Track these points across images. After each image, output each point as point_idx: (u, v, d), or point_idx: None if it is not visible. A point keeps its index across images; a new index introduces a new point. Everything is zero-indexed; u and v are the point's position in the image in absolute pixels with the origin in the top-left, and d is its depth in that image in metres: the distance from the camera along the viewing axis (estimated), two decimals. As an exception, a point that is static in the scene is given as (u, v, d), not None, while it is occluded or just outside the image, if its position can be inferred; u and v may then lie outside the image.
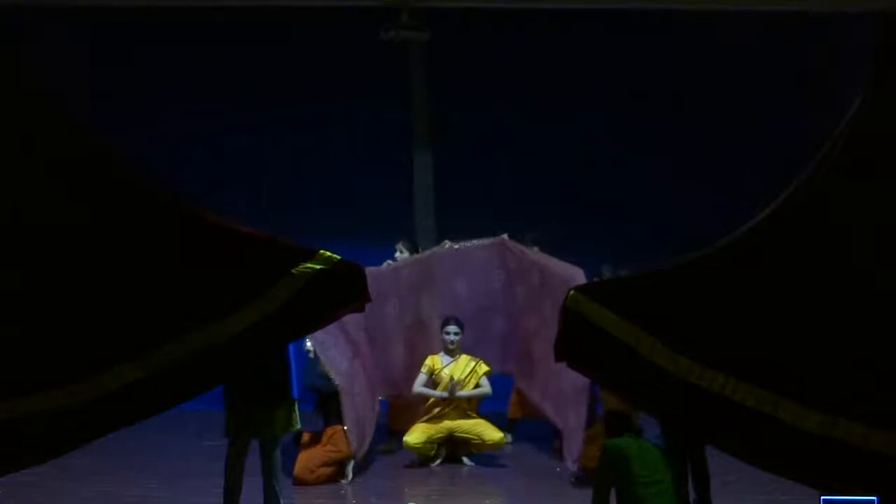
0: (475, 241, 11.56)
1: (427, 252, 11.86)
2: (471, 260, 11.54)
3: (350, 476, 10.18)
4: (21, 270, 6.86)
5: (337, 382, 10.06)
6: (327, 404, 10.21)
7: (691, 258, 7.12)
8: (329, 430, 10.19)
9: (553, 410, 10.70)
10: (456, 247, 11.54)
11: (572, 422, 10.12)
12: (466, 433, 10.80)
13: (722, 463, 8.19)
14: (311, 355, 10.15)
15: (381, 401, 11.46)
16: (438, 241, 12.19)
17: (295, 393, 8.56)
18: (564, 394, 10.28)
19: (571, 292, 7.00)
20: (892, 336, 6.81)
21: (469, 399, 10.85)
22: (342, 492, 9.97)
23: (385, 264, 11.54)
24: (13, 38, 7.16)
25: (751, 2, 13.35)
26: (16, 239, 6.87)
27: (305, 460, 10.09)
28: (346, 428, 10.14)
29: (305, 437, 10.20)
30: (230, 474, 8.48)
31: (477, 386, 10.86)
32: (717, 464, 8.51)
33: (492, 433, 10.80)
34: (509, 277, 11.41)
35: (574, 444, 10.00)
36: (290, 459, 10.09)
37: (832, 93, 11.67)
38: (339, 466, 10.18)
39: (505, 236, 11.52)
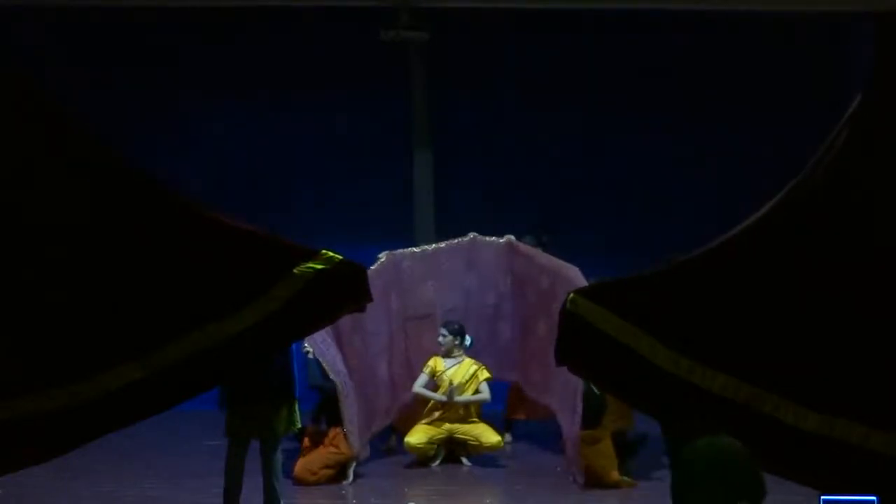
0: (487, 238, 11.50)
1: (439, 244, 11.73)
2: (480, 258, 11.51)
3: (351, 477, 10.18)
4: (22, 270, 6.87)
5: (336, 382, 10.05)
6: (330, 405, 10.19)
7: (691, 258, 7.12)
8: (332, 432, 10.18)
9: (564, 416, 10.66)
10: (474, 238, 11.46)
11: (568, 428, 10.12)
12: (465, 435, 10.82)
13: (722, 463, 8.17)
14: (311, 356, 10.15)
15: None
16: (438, 241, 12.15)
17: (296, 392, 8.55)
18: (568, 398, 10.27)
19: (571, 295, 7.00)
20: (892, 336, 6.81)
21: (467, 404, 10.85)
22: (343, 492, 9.97)
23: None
24: (16, 37, 7.19)
25: (752, 2, 13.34)
26: (17, 239, 6.87)
27: (307, 461, 10.09)
28: (346, 430, 10.13)
29: (308, 437, 10.19)
30: (230, 474, 8.48)
31: (476, 391, 10.86)
32: (717, 464, 8.48)
33: (490, 436, 10.81)
34: (517, 281, 11.37)
35: (572, 451, 10.04)
36: (291, 459, 10.09)
37: (833, 92, 11.67)
38: (341, 468, 10.18)
39: (512, 238, 11.49)
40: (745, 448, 6.38)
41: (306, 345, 10.02)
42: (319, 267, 7.03)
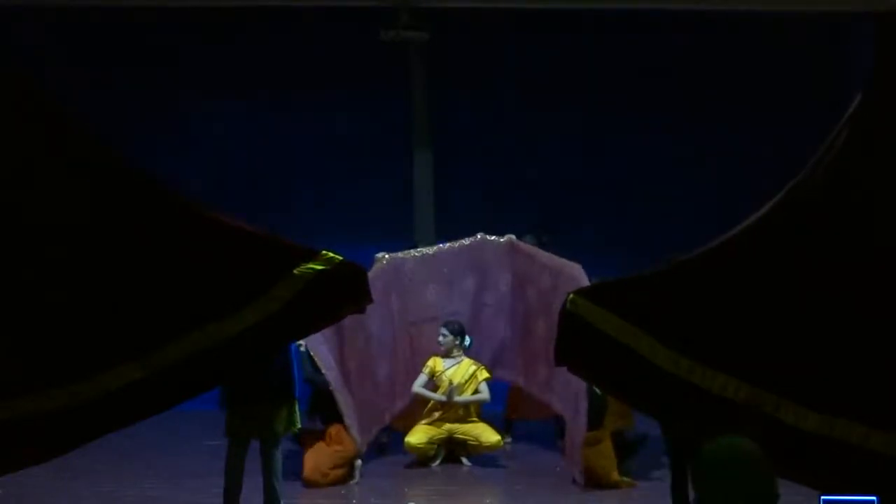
0: (489, 237, 11.48)
1: (441, 246, 11.71)
2: (481, 258, 11.49)
3: (358, 477, 10.15)
4: (22, 270, 6.87)
5: (329, 379, 10.02)
6: (324, 402, 10.15)
7: (691, 258, 7.12)
8: (332, 430, 10.15)
9: (568, 415, 10.65)
10: (476, 238, 11.43)
11: (574, 428, 10.11)
12: (464, 435, 10.81)
13: (722, 463, 8.18)
14: (302, 349, 10.11)
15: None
16: (438, 241, 12.13)
17: (296, 392, 8.55)
18: (570, 398, 10.27)
19: (571, 295, 7.00)
20: (892, 336, 6.81)
21: (466, 404, 10.85)
22: (343, 491, 9.96)
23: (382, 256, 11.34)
24: (16, 37, 7.19)
25: (752, 2, 13.35)
26: (17, 239, 6.87)
27: (315, 462, 10.01)
28: (346, 422, 10.10)
29: (307, 435, 10.15)
30: (230, 474, 8.47)
31: (476, 392, 10.86)
32: (717, 464, 8.49)
33: (489, 436, 10.81)
34: (518, 281, 11.35)
35: (574, 452, 10.03)
36: (291, 460, 10.11)
37: (833, 92, 11.68)
38: (349, 467, 10.14)
39: (512, 237, 11.48)
40: (759, 451, 6.35)
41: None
42: (319, 268, 7.03)
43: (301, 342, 10.00)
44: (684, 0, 13.72)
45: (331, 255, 7.11)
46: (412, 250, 11.69)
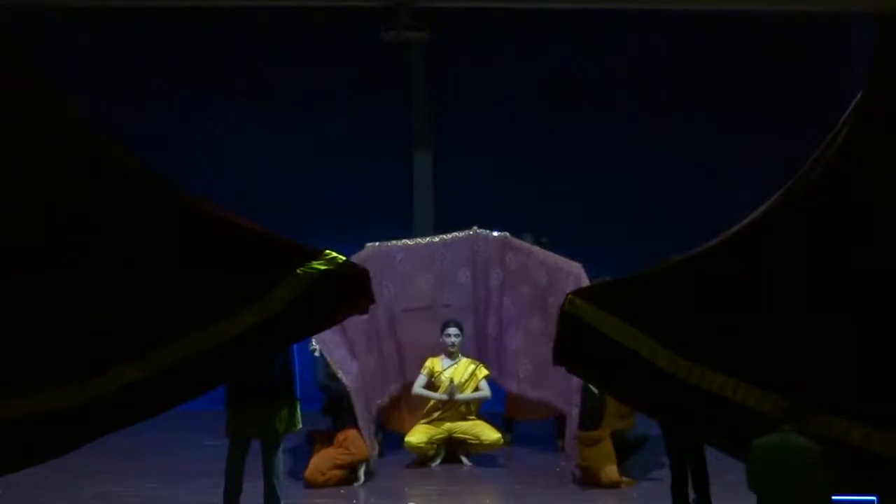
0: (482, 231, 11.46)
1: (433, 238, 11.71)
2: (474, 252, 11.45)
3: (362, 479, 10.12)
4: (23, 271, 6.87)
5: (346, 383, 9.99)
6: (338, 406, 10.13)
7: (688, 257, 7.14)
8: (341, 435, 10.10)
9: (566, 410, 10.64)
10: (470, 232, 11.41)
11: (570, 422, 10.14)
12: (464, 433, 10.80)
13: (722, 463, 8.20)
14: (317, 354, 10.09)
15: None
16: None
17: (297, 392, 8.54)
18: (564, 393, 10.28)
19: (570, 296, 7.02)
20: (892, 336, 6.81)
21: (468, 402, 10.84)
22: (342, 491, 9.95)
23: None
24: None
25: (752, 2, 13.35)
26: (18, 239, 6.87)
27: (317, 463, 10.00)
28: (360, 426, 10.05)
29: (318, 437, 10.13)
30: (231, 474, 8.46)
31: (476, 389, 10.85)
32: (717, 464, 8.51)
33: (489, 434, 10.79)
34: (509, 277, 11.33)
35: (570, 446, 10.05)
36: (296, 460, 10.10)
37: (833, 92, 11.68)
38: (351, 469, 10.11)
39: (506, 234, 11.46)
40: (817, 448, 6.33)
41: (313, 342, 9.95)
42: (323, 267, 7.04)
43: (315, 347, 9.98)
44: (684, 0, 13.71)
45: (333, 254, 7.11)
46: (405, 240, 11.68)
